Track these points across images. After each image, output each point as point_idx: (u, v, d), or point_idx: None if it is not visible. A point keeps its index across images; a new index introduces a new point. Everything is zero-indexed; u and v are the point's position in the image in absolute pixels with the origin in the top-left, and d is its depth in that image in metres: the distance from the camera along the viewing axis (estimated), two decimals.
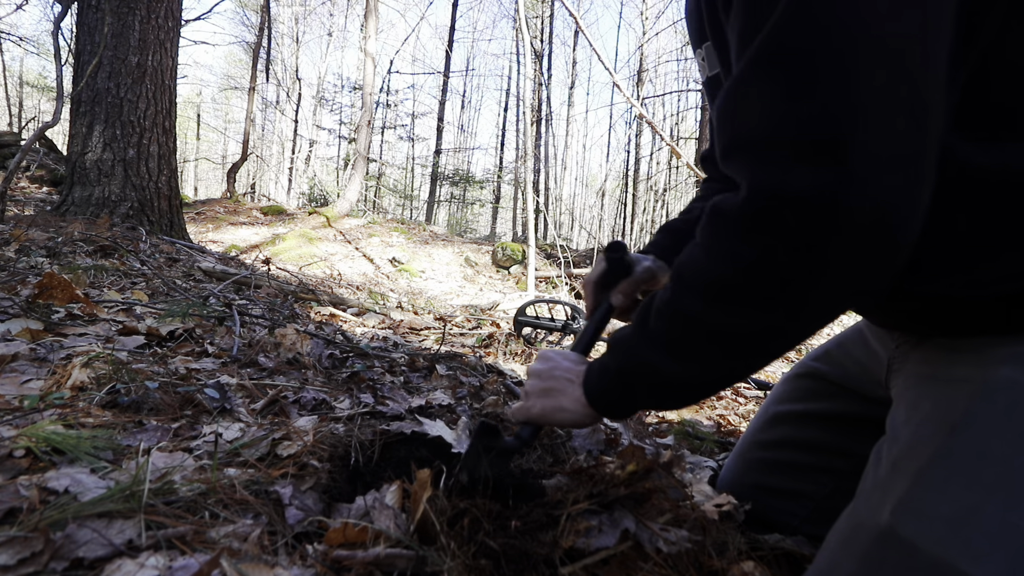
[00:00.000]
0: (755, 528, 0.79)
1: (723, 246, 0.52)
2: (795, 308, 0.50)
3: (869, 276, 0.48)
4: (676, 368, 0.57)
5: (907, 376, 0.65)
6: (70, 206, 3.78)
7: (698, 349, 0.56)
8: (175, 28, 4.16)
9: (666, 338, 0.58)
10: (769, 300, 0.50)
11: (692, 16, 0.74)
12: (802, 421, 0.89)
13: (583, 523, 0.66)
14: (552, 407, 0.69)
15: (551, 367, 0.72)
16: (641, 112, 4.89)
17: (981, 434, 0.52)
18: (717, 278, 0.52)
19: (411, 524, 0.63)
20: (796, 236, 0.47)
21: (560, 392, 0.69)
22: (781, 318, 0.51)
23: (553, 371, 0.71)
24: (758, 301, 0.51)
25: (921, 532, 0.50)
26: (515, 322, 2.93)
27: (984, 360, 0.55)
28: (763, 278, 0.50)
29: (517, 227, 17.44)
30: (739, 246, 0.50)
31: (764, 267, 0.49)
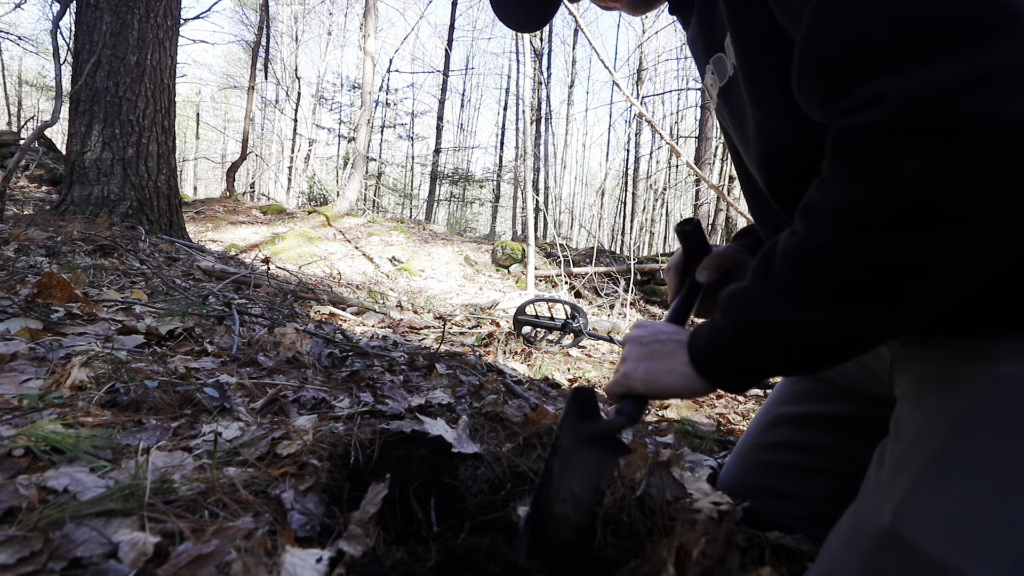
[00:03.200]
0: (754, 527, 0.79)
1: (875, 164, 0.44)
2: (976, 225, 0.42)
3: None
4: (816, 317, 0.49)
5: (911, 375, 0.64)
6: (69, 205, 3.78)
7: (844, 291, 0.48)
8: (174, 27, 4.15)
9: (800, 283, 0.50)
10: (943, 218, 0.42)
11: (698, 35, 0.73)
12: (804, 423, 0.88)
13: None
14: (659, 370, 0.62)
15: (654, 331, 0.65)
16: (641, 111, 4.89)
17: (983, 433, 0.51)
18: (871, 202, 0.44)
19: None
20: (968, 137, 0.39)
21: (668, 355, 0.62)
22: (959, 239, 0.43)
23: (657, 335, 0.65)
24: (929, 221, 0.43)
25: (922, 533, 0.49)
26: (515, 321, 2.93)
27: (987, 357, 0.54)
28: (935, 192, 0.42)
29: (517, 226, 17.44)
30: (898, 160, 0.42)
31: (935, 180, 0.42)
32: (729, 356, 0.57)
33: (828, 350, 0.52)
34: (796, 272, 0.51)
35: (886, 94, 0.42)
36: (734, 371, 0.57)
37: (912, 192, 0.43)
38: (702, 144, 9.52)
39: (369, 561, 0.61)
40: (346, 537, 0.66)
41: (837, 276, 0.48)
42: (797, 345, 0.52)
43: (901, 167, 0.43)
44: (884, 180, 0.44)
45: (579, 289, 7.26)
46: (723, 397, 2.20)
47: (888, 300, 0.47)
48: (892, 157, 0.43)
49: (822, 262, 0.49)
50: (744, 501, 0.79)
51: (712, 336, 0.58)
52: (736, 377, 0.58)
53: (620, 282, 7.44)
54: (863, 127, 0.44)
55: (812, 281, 0.50)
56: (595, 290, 7.39)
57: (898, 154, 0.43)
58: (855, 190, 0.46)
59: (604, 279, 7.68)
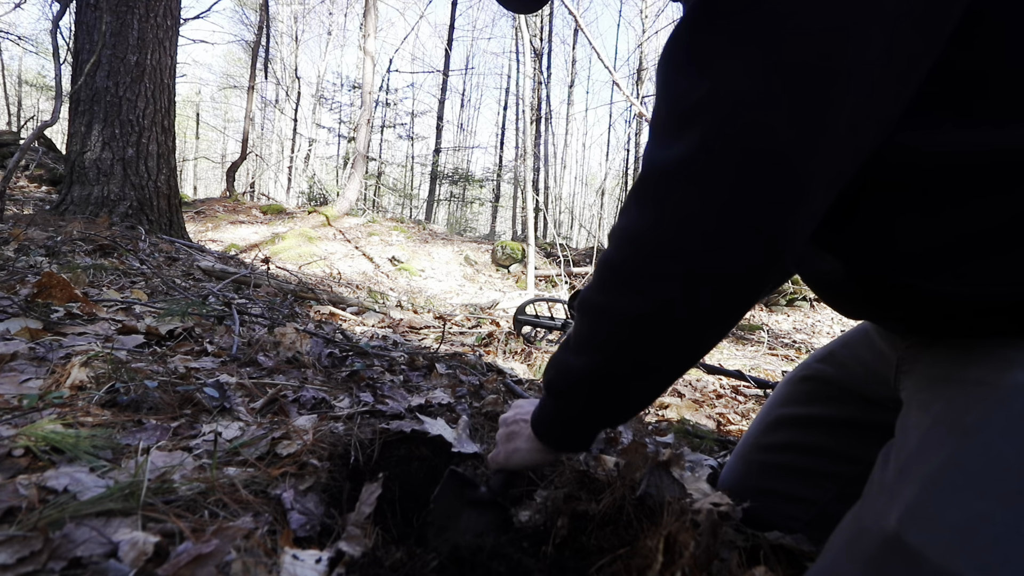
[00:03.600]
0: (754, 527, 0.79)
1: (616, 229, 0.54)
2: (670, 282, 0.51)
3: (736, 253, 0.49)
4: (595, 360, 0.58)
5: (918, 378, 0.64)
6: (69, 205, 3.78)
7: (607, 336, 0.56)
8: (174, 27, 4.15)
9: (579, 335, 0.59)
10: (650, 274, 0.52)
11: None
12: (805, 425, 0.87)
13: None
14: (510, 450, 0.72)
15: (515, 413, 0.75)
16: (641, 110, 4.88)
17: (994, 440, 0.50)
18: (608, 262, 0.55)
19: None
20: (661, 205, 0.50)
21: (516, 435, 0.72)
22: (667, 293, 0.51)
23: (516, 415, 0.74)
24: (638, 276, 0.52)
25: (929, 541, 0.48)
26: (515, 321, 2.92)
27: (999, 363, 0.54)
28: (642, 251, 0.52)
29: (517, 226, 17.44)
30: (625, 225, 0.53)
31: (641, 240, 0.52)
32: (553, 419, 0.65)
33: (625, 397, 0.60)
34: (578, 324, 0.59)
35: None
36: (561, 431, 0.65)
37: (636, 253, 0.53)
38: None
39: (369, 561, 0.61)
40: (345, 537, 0.66)
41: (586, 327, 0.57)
42: (593, 392, 0.60)
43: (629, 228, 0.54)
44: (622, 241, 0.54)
45: (579, 289, 7.26)
46: (723, 397, 2.20)
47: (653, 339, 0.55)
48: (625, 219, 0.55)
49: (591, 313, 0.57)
50: (744, 502, 0.79)
51: (539, 408, 0.67)
52: (566, 435, 0.66)
53: None
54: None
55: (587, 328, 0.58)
56: None
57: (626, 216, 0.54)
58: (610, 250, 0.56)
59: None
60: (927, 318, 0.60)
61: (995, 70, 0.48)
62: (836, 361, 0.87)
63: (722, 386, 2.37)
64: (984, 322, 0.55)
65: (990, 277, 0.51)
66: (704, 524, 0.66)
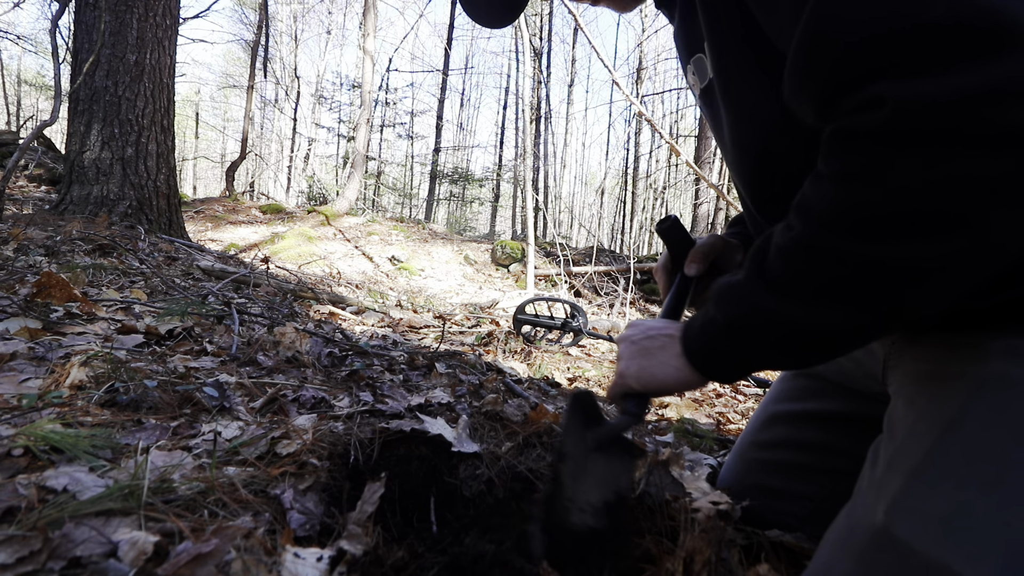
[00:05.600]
0: (753, 525, 0.79)
1: (874, 165, 0.43)
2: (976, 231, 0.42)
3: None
4: (806, 313, 0.49)
5: (904, 372, 0.64)
6: (68, 205, 3.77)
7: (837, 290, 0.48)
8: (173, 26, 4.15)
9: (793, 279, 0.50)
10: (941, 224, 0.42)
11: (680, 33, 0.73)
12: (800, 421, 0.88)
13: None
14: (651, 365, 0.62)
15: (645, 328, 0.66)
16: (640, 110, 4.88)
17: (974, 430, 0.51)
18: (867, 203, 0.44)
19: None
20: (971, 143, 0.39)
21: (659, 350, 0.62)
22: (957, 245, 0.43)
23: (648, 331, 0.65)
24: (927, 226, 0.42)
25: (915, 532, 0.49)
26: (514, 320, 2.92)
27: (978, 354, 0.54)
28: (935, 196, 0.41)
29: (516, 225, 17.44)
30: (899, 162, 0.42)
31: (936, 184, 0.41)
32: (722, 349, 0.57)
33: (819, 346, 0.52)
34: (789, 268, 0.50)
35: (887, 98, 0.42)
36: (728, 364, 0.58)
37: (911, 195, 0.42)
38: (702, 143, 9.52)
39: (371, 560, 0.61)
40: (346, 536, 0.66)
41: (830, 275, 0.48)
42: (788, 340, 0.52)
43: (902, 169, 0.42)
44: (883, 181, 0.43)
45: (579, 288, 7.26)
46: (723, 396, 2.20)
47: (880, 302, 0.47)
48: (892, 159, 0.42)
49: (815, 260, 0.48)
50: (743, 499, 0.79)
51: (704, 329, 0.58)
52: (730, 369, 0.58)
53: (620, 281, 7.44)
54: (863, 128, 0.43)
55: (804, 278, 0.49)
56: (595, 289, 7.39)
57: (899, 156, 0.42)
58: (851, 190, 0.45)
59: (604, 278, 7.68)
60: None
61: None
62: None
63: (722, 385, 2.37)
64: (967, 317, 0.56)
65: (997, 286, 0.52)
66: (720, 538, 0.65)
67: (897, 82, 0.41)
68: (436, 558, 0.62)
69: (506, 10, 0.80)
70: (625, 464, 0.66)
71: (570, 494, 0.63)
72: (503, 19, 0.81)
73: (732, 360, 0.57)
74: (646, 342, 0.64)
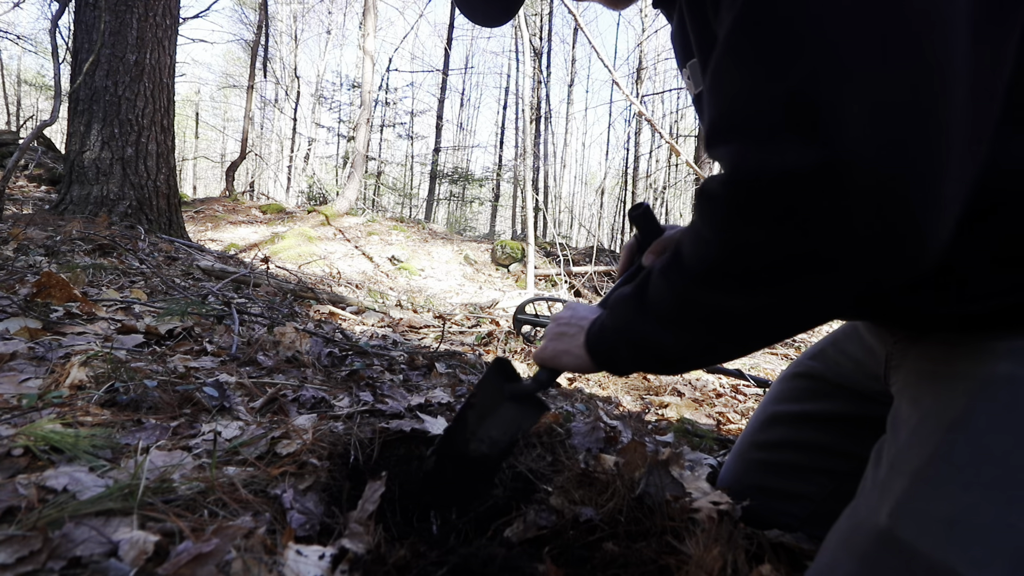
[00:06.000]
0: (754, 525, 0.79)
1: (710, 229, 0.50)
2: (785, 293, 0.49)
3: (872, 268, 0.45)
4: (667, 339, 0.58)
5: (907, 372, 0.64)
6: (68, 205, 3.77)
7: (688, 325, 0.56)
8: (173, 26, 4.15)
9: (659, 309, 0.58)
10: (757, 283, 0.49)
11: (677, 36, 0.73)
12: (800, 422, 0.88)
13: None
14: (560, 350, 0.73)
15: (570, 315, 0.75)
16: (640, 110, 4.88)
17: (979, 432, 0.51)
18: (709, 259, 0.51)
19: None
20: (782, 217, 0.44)
21: (570, 337, 0.72)
22: (770, 302, 0.50)
23: (570, 318, 0.75)
24: (746, 284, 0.49)
25: (920, 535, 0.49)
26: (514, 320, 2.92)
27: (983, 355, 0.54)
28: (750, 261, 0.48)
29: (516, 225, 17.43)
30: (725, 229, 0.49)
31: (751, 250, 0.47)
32: (610, 351, 0.66)
33: (684, 364, 0.61)
34: (660, 301, 0.58)
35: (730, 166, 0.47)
36: (613, 364, 0.67)
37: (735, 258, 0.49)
38: (701, 143, 9.52)
39: (373, 559, 0.61)
40: (348, 535, 0.66)
41: (691, 314, 0.56)
42: (660, 356, 0.60)
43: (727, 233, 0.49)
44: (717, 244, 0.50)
45: (579, 288, 7.26)
46: (723, 396, 2.20)
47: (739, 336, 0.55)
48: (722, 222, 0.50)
49: (677, 295, 0.56)
50: (743, 500, 0.79)
51: (601, 329, 0.67)
52: (615, 368, 0.67)
53: None
54: (711, 189, 0.50)
55: (671, 312, 0.57)
56: (595, 289, 7.38)
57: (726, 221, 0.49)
58: (702, 246, 0.52)
59: (604, 278, 7.67)
60: (919, 324, 0.61)
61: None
62: (827, 358, 0.87)
63: (722, 385, 2.37)
64: (972, 321, 0.56)
65: (994, 290, 0.52)
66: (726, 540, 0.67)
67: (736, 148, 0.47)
68: (444, 558, 0.62)
69: (502, 8, 0.80)
70: (530, 414, 0.79)
71: (473, 429, 0.78)
72: (499, 17, 0.81)
73: (618, 359, 0.66)
74: (565, 327, 0.74)
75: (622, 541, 0.72)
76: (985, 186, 0.46)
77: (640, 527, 0.74)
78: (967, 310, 0.54)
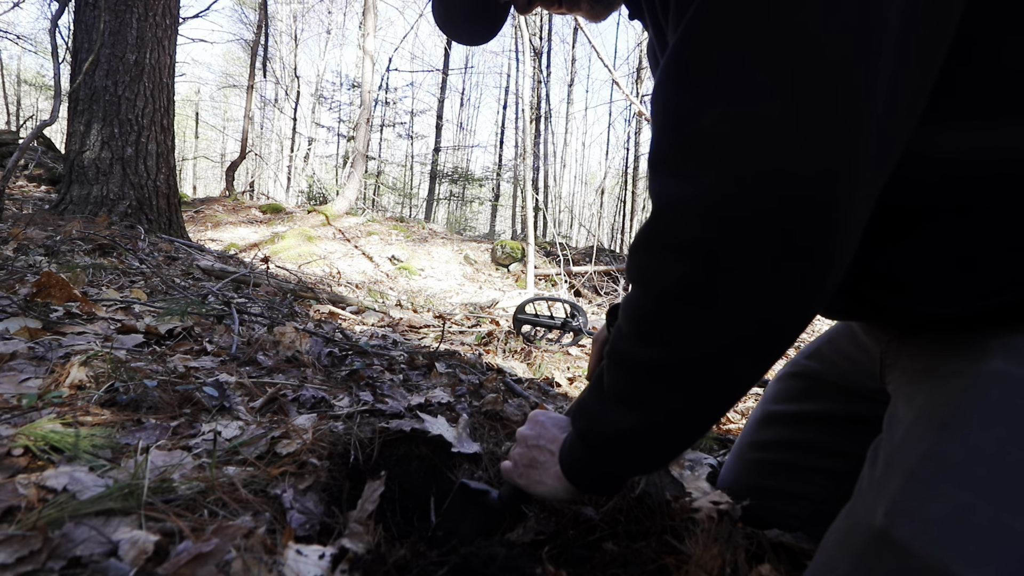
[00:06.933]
0: (753, 525, 0.79)
1: (634, 278, 0.51)
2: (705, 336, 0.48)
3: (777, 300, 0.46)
4: (633, 419, 0.55)
5: (902, 371, 0.64)
6: (68, 205, 3.77)
7: (646, 393, 0.54)
8: (173, 26, 4.15)
9: (615, 388, 0.56)
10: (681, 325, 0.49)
11: (650, 50, 0.74)
12: (797, 422, 0.88)
13: None
14: (535, 481, 0.69)
15: (537, 434, 0.71)
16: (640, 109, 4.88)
17: (973, 430, 0.50)
18: (638, 313, 0.52)
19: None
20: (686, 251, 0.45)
21: (542, 466, 0.69)
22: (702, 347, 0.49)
23: (539, 440, 0.71)
24: (672, 328, 0.49)
25: (915, 535, 0.48)
26: (514, 320, 2.92)
27: (976, 352, 0.54)
28: (669, 303, 0.48)
29: (516, 225, 17.42)
30: (644, 273, 0.50)
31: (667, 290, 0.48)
32: (585, 464, 0.62)
33: (667, 445, 0.57)
34: (614, 379, 0.56)
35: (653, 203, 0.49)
36: (592, 476, 0.63)
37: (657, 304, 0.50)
38: None
39: (373, 559, 0.61)
40: (348, 535, 0.66)
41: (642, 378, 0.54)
42: (636, 443, 0.57)
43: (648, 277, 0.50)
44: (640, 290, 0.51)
45: (579, 288, 7.26)
46: None
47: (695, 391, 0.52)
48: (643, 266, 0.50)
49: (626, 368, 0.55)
50: (743, 500, 0.79)
51: (571, 450, 0.63)
52: (596, 484, 0.63)
53: (620, 281, 7.44)
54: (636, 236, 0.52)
55: (625, 385, 0.55)
56: (595, 289, 7.38)
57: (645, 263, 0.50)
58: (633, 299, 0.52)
59: (604, 278, 7.67)
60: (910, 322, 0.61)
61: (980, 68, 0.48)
62: (823, 357, 0.87)
63: None
64: (963, 319, 0.56)
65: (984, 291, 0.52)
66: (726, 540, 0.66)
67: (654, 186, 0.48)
68: (444, 558, 0.62)
69: (486, 26, 0.78)
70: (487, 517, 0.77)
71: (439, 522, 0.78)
72: (484, 35, 0.80)
73: (595, 473, 0.62)
74: (536, 452, 0.69)
75: (622, 541, 0.72)
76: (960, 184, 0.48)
77: (640, 527, 0.74)
78: (957, 311, 0.54)
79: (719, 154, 0.43)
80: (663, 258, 0.48)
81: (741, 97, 0.42)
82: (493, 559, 0.60)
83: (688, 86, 0.45)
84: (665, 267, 0.48)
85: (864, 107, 0.42)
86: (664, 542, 0.71)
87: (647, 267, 0.50)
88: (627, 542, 0.71)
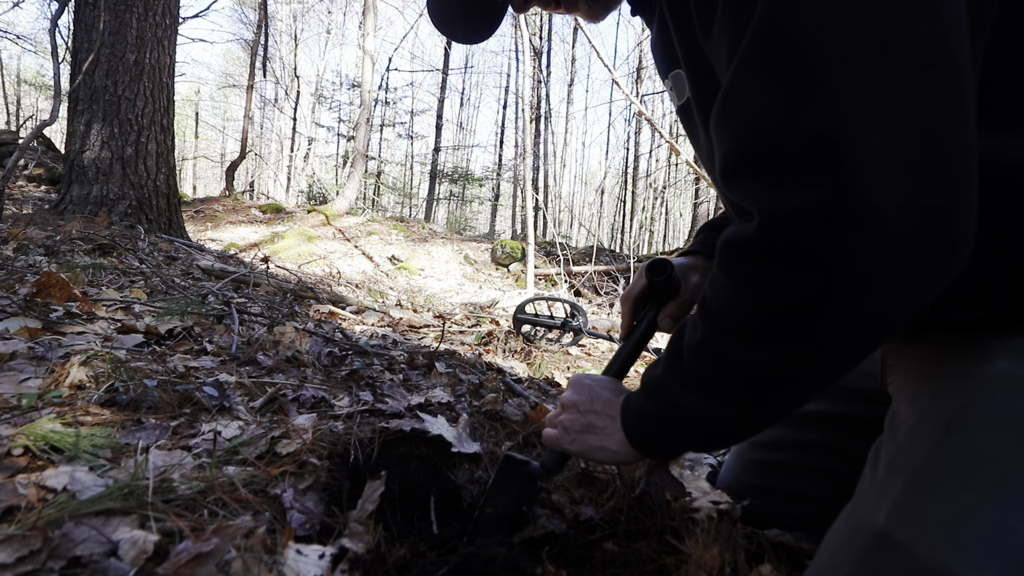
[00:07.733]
0: (753, 525, 0.79)
1: (742, 282, 0.50)
2: (831, 340, 0.48)
3: (909, 292, 0.45)
4: (717, 410, 0.56)
5: (904, 372, 0.64)
6: (68, 204, 3.77)
7: (738, 390, 0.54)
8: (173, 25, 4.15)
9: (703, 379, 0.57)
10: (801, 334, 0.48)
11: (657, 46, 0.72)
12: (796, 421, 0.88)
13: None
14: (594, 446, 0.68)
15: (589, 398, 0.70)
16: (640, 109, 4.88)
17: (976, 432, 0.50)
18: (745, 315, 0.51)
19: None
20: (816, 260, 0.43)
21: (601, 430, 0.68)
22: (816, 353, 0.49)
23: (592, 404, 0.70)
24: (791, 336, 0.48)
25: (917, 536, 0.48)
26: (514, 320, 2.92)
27: (980, 354, 0.54)
28: (790, 312, 0.47)
29: (516, 225, 17.43)
30: (759, 281, 0.48)
31: (788, 300, 0.47)
32: (654, 434, 0.64)
33: (743, 433, 0.59)
34: (702, 370, 0.56)
35: (756, 210, 0.46)
36: (663, 447, 0.65)
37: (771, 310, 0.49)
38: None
39: (373, 558, 0.61)
40: (348, 534, 0.66)
41: (728, 374, 0.54)
42: (715, 430, 0.58)
43: (764, 285, 0.48)
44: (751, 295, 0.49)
45: (579, 288, 7.26)
46: None
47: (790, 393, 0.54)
48: (757, 274, 0.48)
49: (715, 361, 0.55)
50: (743, 500, 0.79)
51: (639, 415, 0.65)
52: (668, 453, 0.66)
53: (620, 280, 7.44)
54: (738, 241, 0.49)
55: (710, 377, 0.56)
56: (595, 289, 7.39)
57: (761, 272, 0.48)
58: (735, 300, 0.51)
59: (604, 278, 7.68)
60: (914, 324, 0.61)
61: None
62: None
63: None
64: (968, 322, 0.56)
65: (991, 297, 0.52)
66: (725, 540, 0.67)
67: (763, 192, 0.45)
68: (444, 558, 0.62)
69: (484, 24, 0.78)
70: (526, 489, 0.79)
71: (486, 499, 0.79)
72: (481, 34, 0.79)
73: (666, 444, 0.64)
74: (592, 418, 0.69)
75: (622, 540, 0.72)
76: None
77: (640, 526, 0.74)
78: (963, 316, 0.54)
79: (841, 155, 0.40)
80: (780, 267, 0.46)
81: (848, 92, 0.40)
82: (493, 559, 0.60)
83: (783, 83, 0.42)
84: (784, 276, 0.46)
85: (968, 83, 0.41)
86: (664, 542, 0.71)
87: (761, 275, 0.48)
88: (627, 542, 0.71)
